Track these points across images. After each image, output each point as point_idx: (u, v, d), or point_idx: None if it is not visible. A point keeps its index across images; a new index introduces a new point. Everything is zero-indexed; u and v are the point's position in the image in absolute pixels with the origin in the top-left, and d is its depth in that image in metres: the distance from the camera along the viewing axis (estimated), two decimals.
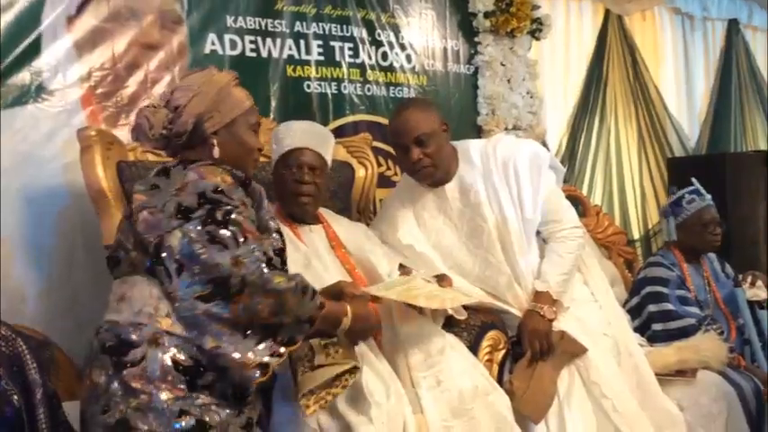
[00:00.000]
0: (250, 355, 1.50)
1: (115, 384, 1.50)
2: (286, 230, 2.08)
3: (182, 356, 1.52)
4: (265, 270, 1.52)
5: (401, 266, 2.43)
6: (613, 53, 4.33)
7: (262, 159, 2.00)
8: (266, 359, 1.51)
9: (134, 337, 1.52)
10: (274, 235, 1.67)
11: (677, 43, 4.73)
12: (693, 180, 3.22)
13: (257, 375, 1.51)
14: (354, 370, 1.83)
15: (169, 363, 1.51)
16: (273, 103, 3.02)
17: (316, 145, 2.34)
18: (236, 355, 1.49)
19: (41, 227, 2.49)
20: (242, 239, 1.53)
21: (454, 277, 2.40)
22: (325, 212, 2.44)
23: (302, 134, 2.35)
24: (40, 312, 2.45)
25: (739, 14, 4.97)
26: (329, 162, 2.39)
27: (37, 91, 2.51)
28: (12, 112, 2.47)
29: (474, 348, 2.32)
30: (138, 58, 2.71)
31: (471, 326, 2.36)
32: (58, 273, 2.52)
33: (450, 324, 2.31)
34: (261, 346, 1.52)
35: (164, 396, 1.49)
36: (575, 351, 2.37)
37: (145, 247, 1.57)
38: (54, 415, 1.79)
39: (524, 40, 3.70)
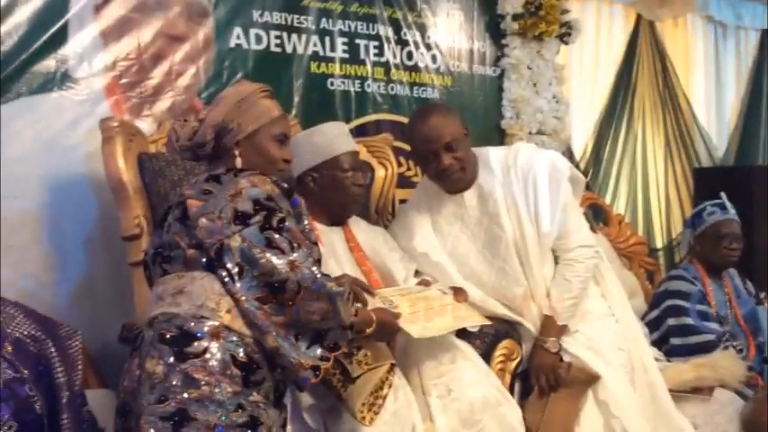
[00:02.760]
0: (303, 357, 1.58)
1: (175, 374, 1.52)
2: None
3: (239, 352, 1.56)
4: (318, 275, 1.58)
5: (417, 273, 2.41)
6: (643, 59, 4.27)
7: None
8: (318, 362, 1.59)
9: (196, 329, 1.56)
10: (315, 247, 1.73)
11: (709, 51, 4.65)
12: (722, 194, 3.16)
13: (311, 377, 1.59)
14: (392, 367, 1.90)
15: (228, 357, 1.55)
16: (296, 99, 3.01)
17: (355, 146, 2.38)
18: (294, 357, 1.57)
19: (61, 215, 2.49)
20: (296, 245, 1.59)
21: (469, 287, 2.36)
22: None
23: (346, 136, 2.39)
24: (58, 300, 2.46)
25: None
26: None
27: (62, 79, 2.51)
28: (36, 99, 2.46)
29: (487, 357, 2.30)
30: (163, 50, 2.71)
31: (485, 334, 2.33)
32: (76, 262, 2.52)
33: (463, 332, 2.28)
34: (311, 350, 1.59)
35: (224, 389, 1.53)
36: (587, 379, 2.33)
37: (203, 247, 1.62)
38: (78, 416, 1.82)
39: (552, 43, 3.65)
